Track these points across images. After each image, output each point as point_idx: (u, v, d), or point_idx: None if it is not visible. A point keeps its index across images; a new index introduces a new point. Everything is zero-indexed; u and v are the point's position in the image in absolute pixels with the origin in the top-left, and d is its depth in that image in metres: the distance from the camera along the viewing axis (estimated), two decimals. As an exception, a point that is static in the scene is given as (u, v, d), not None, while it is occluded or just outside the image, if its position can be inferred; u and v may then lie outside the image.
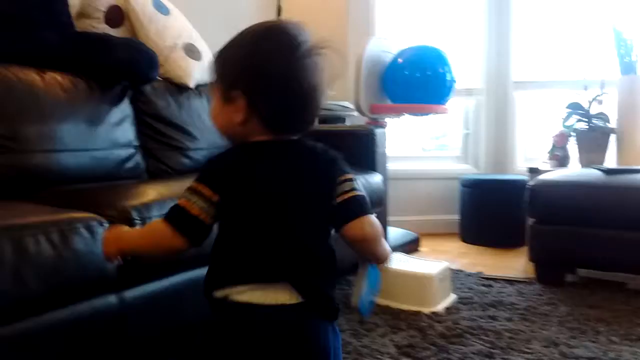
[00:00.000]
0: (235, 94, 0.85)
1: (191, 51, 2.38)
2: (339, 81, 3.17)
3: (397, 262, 2.10)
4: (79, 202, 1.36)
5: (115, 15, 2.26)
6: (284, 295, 0.82)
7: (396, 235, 2.79)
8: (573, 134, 3.07)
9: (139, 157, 2.10)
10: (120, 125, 2.01)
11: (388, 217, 2.53)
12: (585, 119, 3.05)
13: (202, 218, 0.83)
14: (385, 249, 0.94)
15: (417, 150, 3.83)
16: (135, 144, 2.10)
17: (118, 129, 2.00)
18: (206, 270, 0.88)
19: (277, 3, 3.32)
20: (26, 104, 1.73)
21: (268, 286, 0.81)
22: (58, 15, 2.03)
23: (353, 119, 3.19)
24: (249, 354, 0.81)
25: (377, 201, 2.32)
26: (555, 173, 2.51)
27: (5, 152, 1.66)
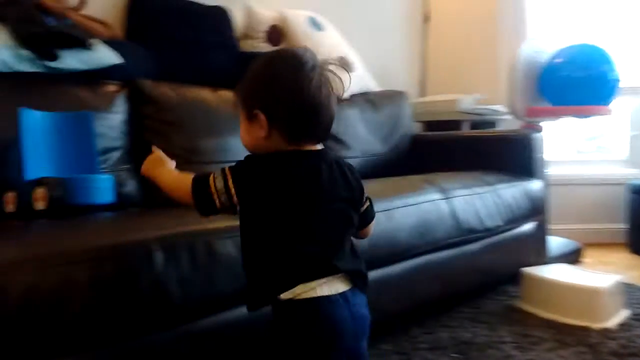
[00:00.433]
0: (256, 112, 0.94)
1: (345, 64, 2.46)
2: (489, 84, 3.15)
3: (563, 273, 1.99)
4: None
5: (275, 34, 2.42)
6: (343, 285, 0.92)
7: (557, 244, 2.64)
8: None
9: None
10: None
11: (548, 226, 2.41)
12: None
13: (215, 199, 0.92)
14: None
15: (572, 154, 3.58)
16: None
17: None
18: (253, 281, 0.96)
19: (423, 11, 3.32)
20: (202, 119, 1.92)
21: (330, 279, 0.91)
22: (225, 38, 2.23)
23: (504, 123, 3.08)
24: (333, 340, 0.90)
25: (537, 209, 2.21)
26: None
27: (186, 163, 1.85)
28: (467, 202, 1.89)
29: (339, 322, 0.90)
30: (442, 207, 1.79)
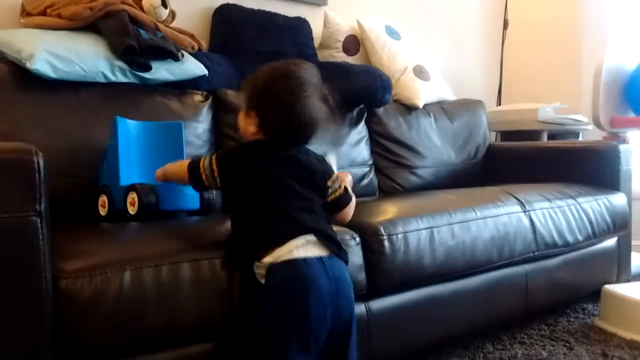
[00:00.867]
0: (253, 114, 1.16)
1: (420, 72, 2.46)
2: (570, 93, 3.05)
3: (647, 292, 1.91)
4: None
5: (352, 44, 2.45)
6: (319, 250, 1.07)
7: (641, 262, 2.52)
8: None
9: (372, 175, 2.24)
10: (358, 145, 2.18)
11: (632, 242, 2.30)
12: None
13: (204, 179, 1.16)
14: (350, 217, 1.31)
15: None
16: (370, 162, 2.25)
17: (355, 149, 2.16)
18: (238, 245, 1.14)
19: (503, 17, 3.25)
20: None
21: (305, 244, 1.06)
22: (304, 48, 2.28)
23: (586, 133, 2.97)
24: (307, 290, 1.03)
25: (621, 224, 2.12)
26: None
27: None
28: (548, 215, 1.85)
29: (314, 276, 1.04)
30: (522, 220, 1.76)
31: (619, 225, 2.11)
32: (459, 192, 1.90)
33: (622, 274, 2.24)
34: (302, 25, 2.31)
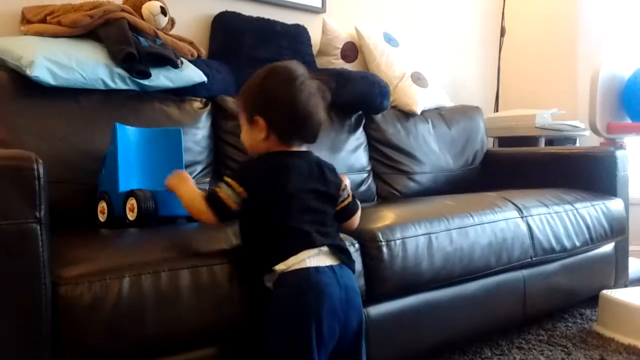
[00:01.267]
0: (257, 118, 1.15)
1: (418, 79, 2.47)
2: (566, 99, 3.06)
3: (644, 297, 1.91)
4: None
5: (350, 51, 2.46)
6: (330, 259, 1.09)
7: (638, 267, 2.52)
8: None
9: (370, 181, 2.25)
10: (356, 151, 2.19)
11: (630, 247, 2.31)
12: None
13: (229, 204, 1.11)
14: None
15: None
16: (368, 169, 2.26)
17: (353, 155, 2.17)
18: (251, 257, 1.14)
19: (500, 24, 3.27)
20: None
21: (318, 254, 1.07)
22: (302, 55, 2.29)
23: (583, 139, 2.99)
24: (320, 299, 1.04)
25: (618, 230, 2.13)
26: None
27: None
28: (545, 221, 1.85)
29: (326, 285, 1.06)
30: (519, 226, 1.77)
31: (616, 230, 2.12)
32: (457, 198, 1.90)
33: (620, 279, 2.25)
34: (300, 32, 2.33)
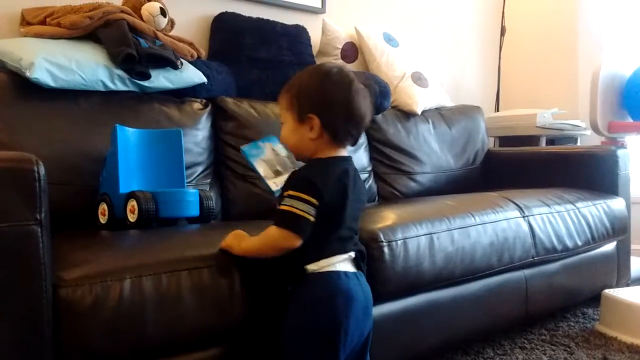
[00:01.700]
0: (311, 116, 1.12)
1: (419, 79, 2.47)
2: (567, 98, 3.06)
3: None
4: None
5: (350, 51, 2.46)
6: (352, 267, 1.12)
7: (640, 266, 2.52)
8: None
9: (371, 182, 2.25)
10: (356, 151, 2.18)
11: (631, 246, 2.31)
12: None
13: (308, 218, 1.07)
14: None
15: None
16: (369, 169, 2.25)
17: (354, 155, 2.15)
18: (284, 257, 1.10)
19: (500, 24, 3.27)
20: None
21: (344, 260, 1.10)
22: (302, 55, 2.29)
23: (584, 138, 2.98)
24: (349, 307, 1.07)
25: (620, 229, 2.13)
26: None
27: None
28: (547, 220, 1.85)
29: (355, 292, 1.09)
30: (521, 226, 1.76)
31: (618, 229, 2.12)
32: (458, 198, 1.90)
33: (622, 278, 2.25)
34: (300, 32, 2.32)
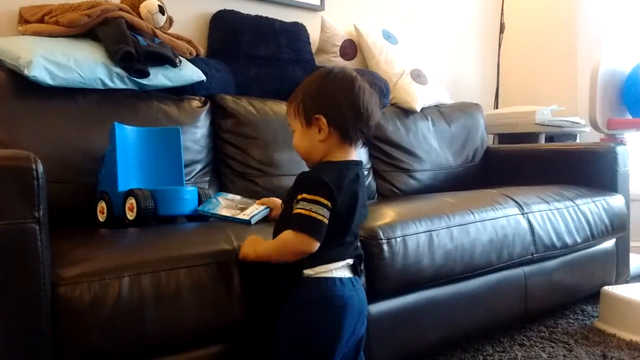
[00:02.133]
0: (318, 117, 1.11)
1: (418, 76, 2.47)
2: (566, 95, 3.06)
3: (645, 293, 1.91)
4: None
5: (349, 48, 2.46)
6: (349, 272, 1.12)
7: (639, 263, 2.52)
8: None
9: (370, 179, 2.25)
10: (355, 149, 2.17)
11: (630, 243, 2.31)
12: None
13: (324, 221, 1.06)
14: None
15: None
16: (368, 166, 2.25)
17: (353, 153, 2.15)
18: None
19: (500, 21, 3.27)
20: (279, 133, 1.97)
21: (342, 266, 1.10)
22: (301, 53, 2.29)
23: (583, 135, 2.98)
24: (343, 315, 1.08)
25: (619, 226, 2.13)
26: None
27: (263, 176, 1.92)
28: (546, 217, 1.85)
29: (350, 298, 1.09)
30: (520, 223, 1.76)
31: (617, 226, 2.12)
32: (458, 195, 1.90)
33: (621, 275, 2.25)
34: (299, 30, 2.32)
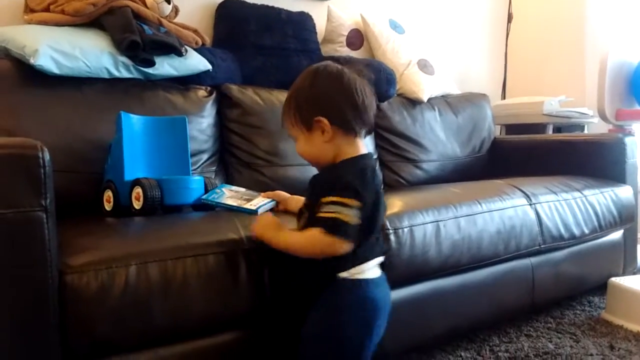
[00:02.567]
0: (318, 119, 1.08)
1: (424, 66, 2.45)
2: (574, 86, 3.03)
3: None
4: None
5: (356, 38, 2.44)
6: (378, 270, 1.13)
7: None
8: None
9: (377, 169, 2.24)
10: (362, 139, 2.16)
11: (639, 234, 2.30)
12: None
13: (355, 223, 1.03)
14: None
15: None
16: (374, 157, 2.24)
17: (360, 143, 2.15)
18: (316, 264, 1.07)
19: (507, 11, 3.24)
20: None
21: (372, 265, 1.10)
22: (307, 43, 2.27)
23: (591, 126, 2.96)
24: (376, 317, 1.09)
25: (628, 217, 2.11)
26: None
27: (270, 166, 1.92)
28: (554, 208, 1.84)
29: (381, 301, 1.10)
30: (528, 213, 1.75)
31: (625, 217, 2.10)
32: (465, 186, 1.89)
33: (629, 266, 2.23)
34: (305, 19, 2.31)
